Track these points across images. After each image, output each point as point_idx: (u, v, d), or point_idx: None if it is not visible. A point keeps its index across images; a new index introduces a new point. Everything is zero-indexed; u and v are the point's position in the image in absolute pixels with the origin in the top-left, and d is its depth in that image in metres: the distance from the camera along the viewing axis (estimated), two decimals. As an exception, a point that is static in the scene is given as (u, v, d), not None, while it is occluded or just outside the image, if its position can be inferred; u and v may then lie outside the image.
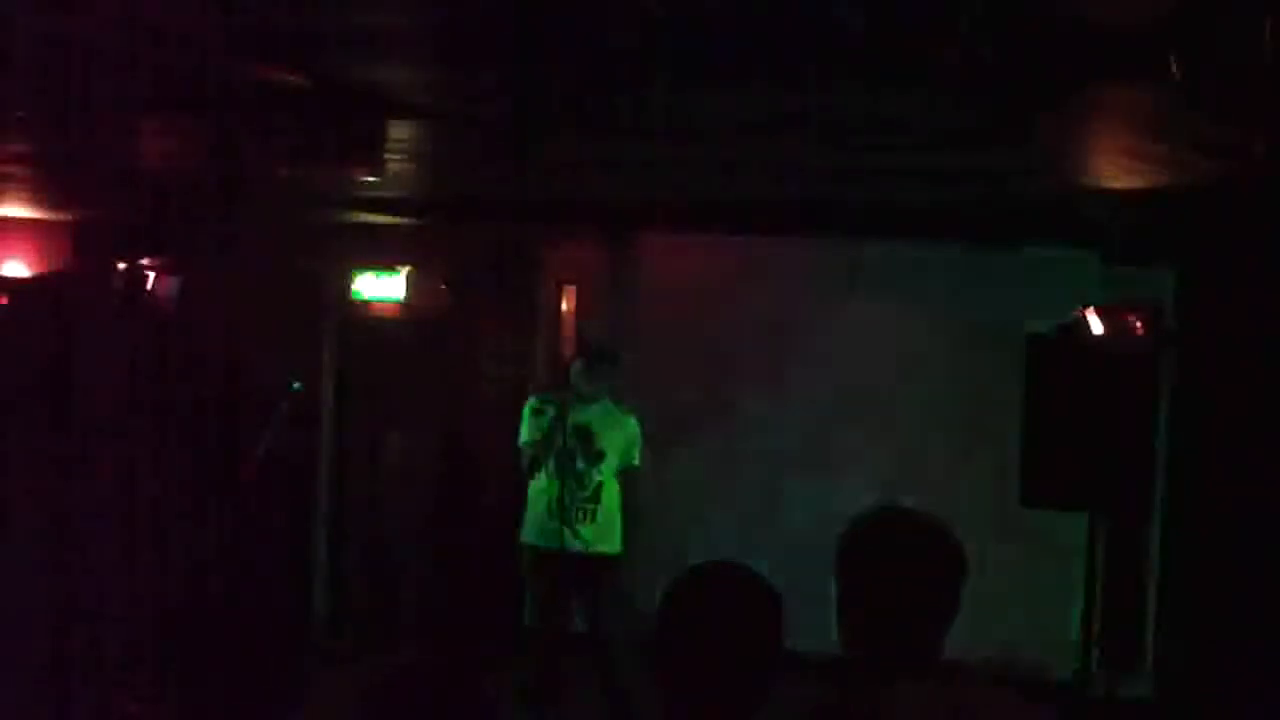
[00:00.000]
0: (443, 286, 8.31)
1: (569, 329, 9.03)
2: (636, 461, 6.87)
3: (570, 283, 9.06)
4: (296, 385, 7.14)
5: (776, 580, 2.57)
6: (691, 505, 8.42)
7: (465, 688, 2.54)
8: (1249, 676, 6.57)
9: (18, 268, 8.67)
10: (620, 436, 6.83)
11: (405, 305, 9.01)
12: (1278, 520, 6.67)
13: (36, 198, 7.98)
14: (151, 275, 8.06)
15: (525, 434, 6.88)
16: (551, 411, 6.75)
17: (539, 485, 6.80)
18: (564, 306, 9.08)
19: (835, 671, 2.59)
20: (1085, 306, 6.44)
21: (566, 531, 6.66)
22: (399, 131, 5.45)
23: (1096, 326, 6.37)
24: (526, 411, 6.94)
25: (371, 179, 6.27)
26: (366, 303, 9.16)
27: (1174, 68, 3.35)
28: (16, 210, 8.43)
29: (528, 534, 6.89)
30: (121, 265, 8.05)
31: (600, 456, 6.79)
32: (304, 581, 9.34)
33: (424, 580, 9.31)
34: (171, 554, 7.36)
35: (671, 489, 8.17)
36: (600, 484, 6.80)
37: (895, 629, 2.57)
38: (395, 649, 8.56)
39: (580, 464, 6.76)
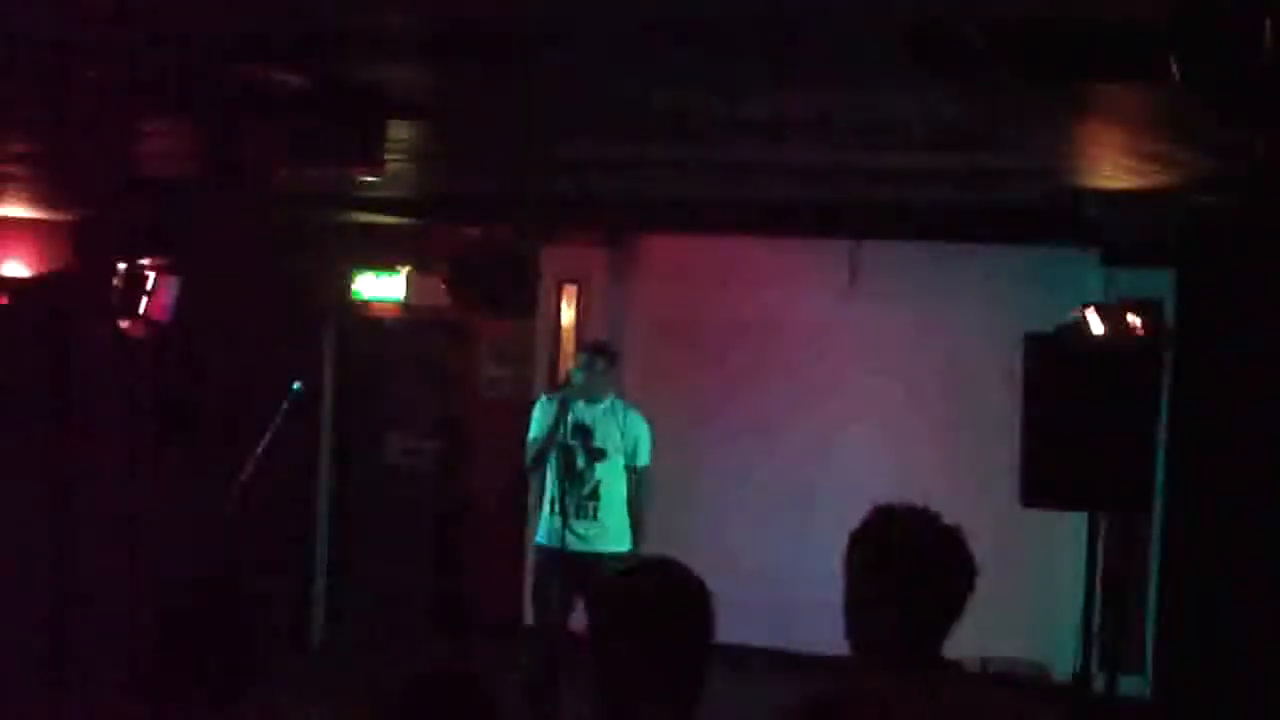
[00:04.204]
0: (443, 286, 8.30)
1: (569, 329, 9.02)
2: (643, 460, 6.86)
3: (570, 282, 9.06)
4: (297, 386, 7.13)
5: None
6: (694, 504, 8.40)
7: (465, 688, 2.54)
8: (1248, 676, 6.56)
9: (18, 268, 8.65)
10: (623, 435, 6.82)
11: (405, 305, 9.01)
12: (1277, 519, 6.66)
13: (36, 198, 7.97)
14: (151, 276, 8.04)
15: (532, 432, 6.89)
16: (555, 409, 6.76)
17: (544, 484, 6.82)
18: (564, 306, 9.07)
19: (838, 671, 2.59)
20: (1085, 306, 6.43)
21: (566, 530, 6.67)
22: (399, 131, 5.44)
23: (1096, 326, 6.36)
24: (535, 409, 6.96)
25: (371, 179, 6.27)
26: (366, 303, 9.17)
27: (1173, 67, 3.34)
28: (16, 210, 8.42)
29: (537, 533, 6.91)
30: (121, 265, 8.03)
31: (601, 454, 6.78)
32: (304, 581, 9.33)
33: (424, 580, 9.30)
34: (170, 554, 7.35)
35: (674, 488, 8.16)
36: (600, 482, 6.78)
37: (901, 628, 2.58)
38: (395, 649, 8.55)
39: (580, 462, 6.76)
